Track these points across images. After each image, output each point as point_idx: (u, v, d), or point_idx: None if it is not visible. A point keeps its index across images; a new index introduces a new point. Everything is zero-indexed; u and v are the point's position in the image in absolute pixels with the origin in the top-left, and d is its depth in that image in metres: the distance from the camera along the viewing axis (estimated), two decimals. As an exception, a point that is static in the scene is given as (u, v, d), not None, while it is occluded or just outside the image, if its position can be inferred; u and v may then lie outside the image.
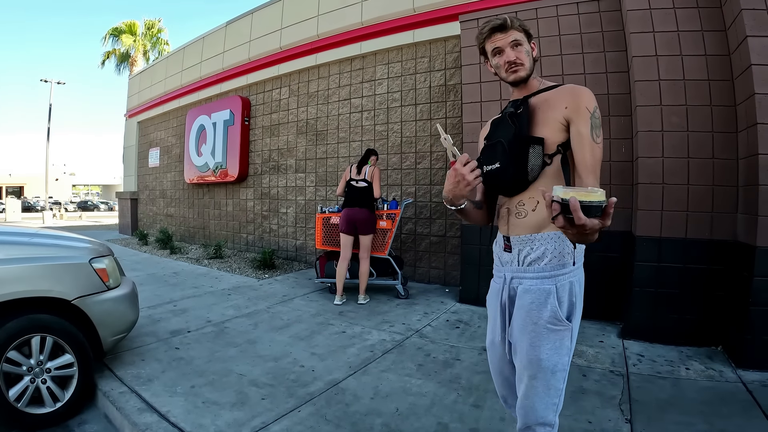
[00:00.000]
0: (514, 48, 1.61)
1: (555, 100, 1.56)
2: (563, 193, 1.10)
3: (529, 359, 1.52)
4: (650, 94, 3.90)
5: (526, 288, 1.55)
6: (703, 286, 3.72)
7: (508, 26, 1.60)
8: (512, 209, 1.60)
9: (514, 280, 1.60)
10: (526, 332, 1.52)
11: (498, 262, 1.71)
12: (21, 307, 2.59)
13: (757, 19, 3.40)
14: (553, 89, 1.61)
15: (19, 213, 26.64)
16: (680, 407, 2.65)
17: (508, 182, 1.58)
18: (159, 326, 4.17)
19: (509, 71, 1.63)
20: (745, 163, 3.50)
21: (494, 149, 1.62)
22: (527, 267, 1.55)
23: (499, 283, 1.68)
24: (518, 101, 1.64)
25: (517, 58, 1.60)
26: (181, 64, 11.42)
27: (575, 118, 1.50)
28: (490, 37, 1.63)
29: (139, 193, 13.72)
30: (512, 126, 1.58)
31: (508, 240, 1.62)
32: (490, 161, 1.62)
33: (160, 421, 2.48)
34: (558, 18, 4.67)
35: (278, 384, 2.96)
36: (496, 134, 1.65)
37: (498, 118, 1.71)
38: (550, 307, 1.50)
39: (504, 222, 1.64)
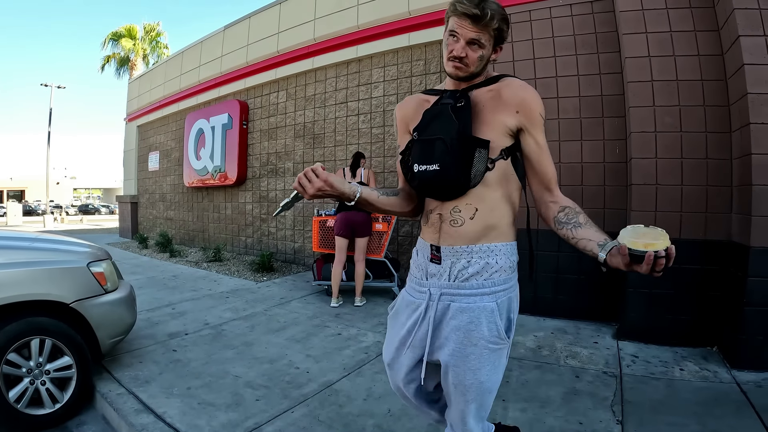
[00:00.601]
0: (470, 46, 1.38)
1: (503, 101, 1.40)
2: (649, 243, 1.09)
3: (468, 384, 1.40)
4: (643, 94, 3.92)
5: (461, 307, 1.39)
6: (697, 287, 3.73)
7: (484, 21, 1.34)
8: (445, 216, 1.43)
9: (444, 297, 1.42)
10: (464, 356, 1.38)
11: (419, 273, 1.52)
12: (20, 310, 2.62)
13: (749, 19, 3.42)
14: (498, 83, 1.44)
15: (21, 217, 26.70)
16: (673, 408, 2.66)
17: (447, 186, 1.39)
18: (157, 329, 4.20)
19: (451, 62, 1.42)
20: (739, 163, 3.52)
21: (432, 147, 1.39)
22: (463, 283, 1.40)
23: (419, 298, 1.49)
24: (458, 92, 1.44)
25: (466, 57, 1.39)
26: (179, 68, 11.46)
27: (530, 128, 1.40)
28: (459, 18, 1.36)
29: (139, 196, 13.76)
30: (455, 122, 1.37)
31: (437, 250, 1.44)
32: (425, 160, 1.40)
33: (156, 421, 2.51)
34: (551, 20, 4.69)
35: (273, 385, 2.98)
36: (432, 128, 1.41)
37: (433, 109, 1.46)
38: (490, 326, 1.38)
39: (434, 229, 1.46)
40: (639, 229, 1.12)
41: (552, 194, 1.45)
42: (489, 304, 1.39)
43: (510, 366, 3.32)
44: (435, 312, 1.43)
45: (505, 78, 1.45)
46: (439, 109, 1.43)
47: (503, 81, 1.43)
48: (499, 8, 1.36)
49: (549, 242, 4.60)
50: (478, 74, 1.45)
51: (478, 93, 1.43)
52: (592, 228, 1.33)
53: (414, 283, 1.54)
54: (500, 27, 1.38)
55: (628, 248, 1.10)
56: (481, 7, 1.32)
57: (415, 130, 1.47)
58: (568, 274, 4.56)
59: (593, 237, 1.29)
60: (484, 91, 1.43)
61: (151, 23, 24.72)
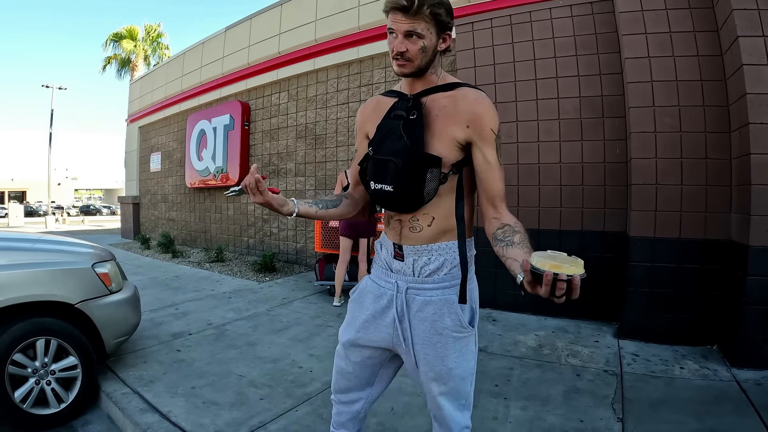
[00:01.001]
0: (409, 38, 1.34)
1: (455, 112, 1.38)
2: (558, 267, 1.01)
3: (438, 372, 1.46)
4: (643, 95, 3.94)
5: (426, 300, 1.45)
6: (697, 286, 3.76)
7: (413, 10, 1.29)
8: (405, 222, 1.46)
9: (410, 291, 1.47)
10: (431, 344, 1.45)
11: (385, 266, 1.56)
12: (26, 311, 2.65)
13: (748, 19, 3.44)
14: (452, 90, 1.41)
15: (22, 218, 26.73)
16: (673, 406, 2.68)
17: (400, 206, 1.43)
18: (161, 329, 4.23)
19: (395, 61, 1.39)
20: (738, 162, 3.54)
21: (385, 168, 1.39)
22: (426, 278, 1.46)
23: (386, 288, 1.53)
24: (409, 102, 1.41)
25: (407, 51, 1.34)
26: (181, 69, 11.49)
27: (480, 143, 1.38)
28: (391, 12, 1.34)
29: (140, 197, 13.79)
30: (406, 143, 1.35)
31: (400, 248, 1.48)
32: (380, 179, 1.41)
33: (161, 420, 2.54)
34: (552, 21, 4.72)
35: (277, 385, 3.01)
36: (386, 147, 1.40)
37: (386, 124, 1.44)
38: (452, 317, 1.44)
39: (395, 232, 1.50)
40: (558, 254, 1.06)
41: (496, 210, 1.43)
42: (451, 297, 1.44)
43: (511, 365, 3.34)
44: (402, 304, 1.47)
45: (462, 87, 1.42)
46: (391, 126, 1.41)
47: (460, 90, 1.41)
48: None
49: (550, 242, 4.63)
50: (426, 68, 1.41)
51: (433, 99, 1.41)
52: (522, 249, 1.28)
53: (381, 273, 1.57)
54: (435, 12, 1.32)
55: (531, 265, 1.05)
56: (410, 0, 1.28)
57: (370, 145, 1.46)
58: (569, 273, 4.57)
59: (519, 258, 1.23)
60: (440, 97, 1.41)
61: (153, 24, 24.77)
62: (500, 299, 4.90)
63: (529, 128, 4.76)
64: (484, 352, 3.63)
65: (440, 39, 1.39)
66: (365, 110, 1.59)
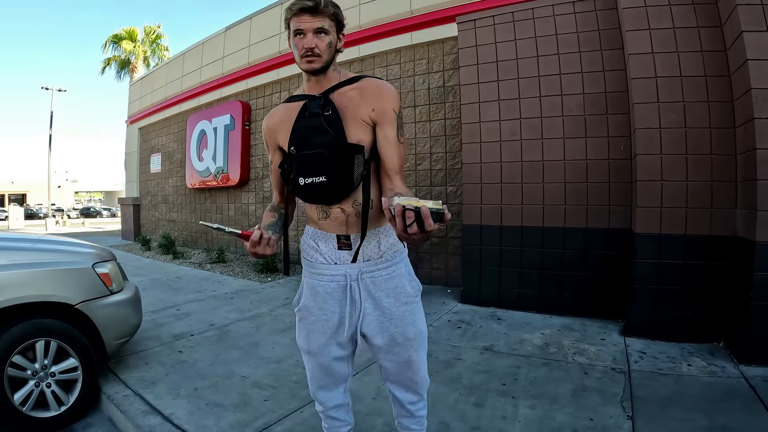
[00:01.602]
0: (317, 35, 1.50)
1: (360, 100, 1.55)
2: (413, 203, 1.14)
3: (412, 336, 1.69)
4: (647, 91, 3.91)
5: (384, 277, 1.64)
6: (703, 283, 3.73)
7: (320, 9, 1.47)
8: (348, 210, 1.58)
9: (364, 275, 1.63)
10: (400, 315, 1.66)
11: (325, 261, 1.66)
12: (25, 311, 2.61)
13: (752, 15, 3.41)
14: (355, 83, 1.58)
15: (22, 220, 26.71)
16: (682, 403, 2.65)
17: (335, 194, 1.56)
18: (162, 330, 4.20)
19: (304, 59, 1.52)
20: (743, 158, 3.51)
21: (316, 161, 1.52)
22: (378, 260, 1.63)
23: (338, 281, 1.64)
24: (319, 99, 1.55)
25: (317, 47, 1.50)
26: (181, 69, 11.47)
27: (382, 122, 1.55)
28: (298, 16, 1.49)
29: (141, 198, 13.77)
30: (331, 133, 1.50)
31: (347, 238, 1.61)
32: (311, 173, 1.53)
33: (163, 423, 2.50)
34: (554, 17, 4.69)
35: (281, 385, 2.98)
36: (310, 141, 1.53)
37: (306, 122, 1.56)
38: (411, 283, 1.71)
39: (339, 222, 1.60)
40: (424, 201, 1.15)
41: (391, 182, 1.56)
42: (403, 269, 1.70)
43: (518, 363, 3.31)
44: (357, 290, 1.63)
45: (365, 78, 1.60)
46: (312, 122, 1.53)
47: (364, 81, 1.59)
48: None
49: (555, 240, 4.61)
50: (330, 64, 1.55)
51: (340, 93, 1.56)
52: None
53: (324, 271, 1.66)
54: (335, 12, 1.52)
55: (391, 205, 1.18)
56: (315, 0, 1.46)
57: (291, 145, 1.57)
58: (574, 271, 4.55)
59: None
60: (346, 90, 1.57)
61: (152, 25, 24.84)
62: (504, 298, 4.87)
63: (532, 125, 4.73)
64: (490, 351, 3.60)
65: (338, 37, 1.57)
66: (272, 121, 1.67)
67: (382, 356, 1.73)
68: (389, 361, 1.74)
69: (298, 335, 1.79)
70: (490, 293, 4.97)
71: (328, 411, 1.88)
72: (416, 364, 1.74)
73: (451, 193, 6.22)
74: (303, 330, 1.75)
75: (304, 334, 1.75)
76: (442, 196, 6.31)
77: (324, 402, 1.86)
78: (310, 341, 1.73)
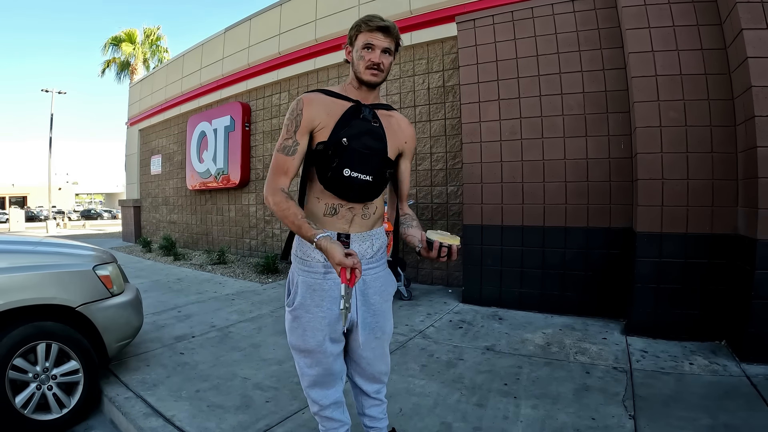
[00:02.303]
0: (384, 53, 1.65)
1: (399, 130, 1.80)
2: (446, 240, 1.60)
3: (387, 331, 1.88)
4: (647, 89, 3.91)
5: (375, 276, 1.80)
6: (705, 281, 3.72)
7: (391, 31, 1.64)
8: (357, 211, 1.72)
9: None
10: (382, 311, 1.84)
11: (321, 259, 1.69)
12: (26, 314, 2.61)
13: (752, 12, 3.40)
14: (390, 111, 1.82)
15: (23, 223, 26.73)
16: (684, 402, 2.65)
17: (373, 193, 1.73)
18: (163, 332, 4.19)
19: (369, 71, 1.65)
20: (744, 156, 3.50)
21: (368, 159, 1.67)
22: (370, 259, 1.78)
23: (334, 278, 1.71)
24: (370, 110, 1.71)
25: (382, 63, 1.65)
26: (180, 71, 11.47)
27: (408, 154, 1.88)
28: (372, 32, 1.62)
29: (141, 200, 13.77)
30: (383, 142, 1.72)
31: (347, 237, 1.72)
32: (360, 169, 1.66)
33: (165, 425, 2.50)
34: (554, 16, 4.68)
35: (282, 387, 2.97)
36: (364, 141, 1.67)
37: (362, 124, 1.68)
38: (391, 285, 1.89)
39: (345, 221, 1.71)
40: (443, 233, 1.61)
41: (402, 203, 1.93)
42: (387, 270, 1.88)
43: (520, 363, 3.31)
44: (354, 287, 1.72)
45: (394, 110, 1.85)
46: (369, 126, 1.70)
47: (395, 113, 1.84)
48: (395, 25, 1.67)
49: (556, 239, 4.60)
50: (384, 81, 1.73)
51: (381, 114, 1.76)
52: (418, 229, 1.79)
53: (318, 269, 1.72)
54: (398, 36, 1.68)
55: (427, 237, 1.60)
56: (387, 27, 1.63)
57: (344, 136, 1.65)
58: (575, 270, 4.55)
59: (417, 235, 1.74)
60: (384, 114, 1.78)
61: (151, 27, 24.80)
62: (506, 297, 4.87)
63: (533, 125, 4.72)
64: (492, 350, 3.60)
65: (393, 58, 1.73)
66: (317, 105, 1.68)
67: (362, 349, 1.83)
68: (367, 354, 1.85)
69: (291, 335, 1.79)
70: (492, 293, 4.96)
71: (325, 411, 1.88)
72: (388, 356, 1.94)
73: (452, 193, 6.22)
74: (298, 329, 1.76)
75: (299, 333, 1.76)
76: (442, 196, 6.31)
77: (320, 400, 1.86)
78: (307, 339, 1.74)
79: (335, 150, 1.63)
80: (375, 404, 1.98)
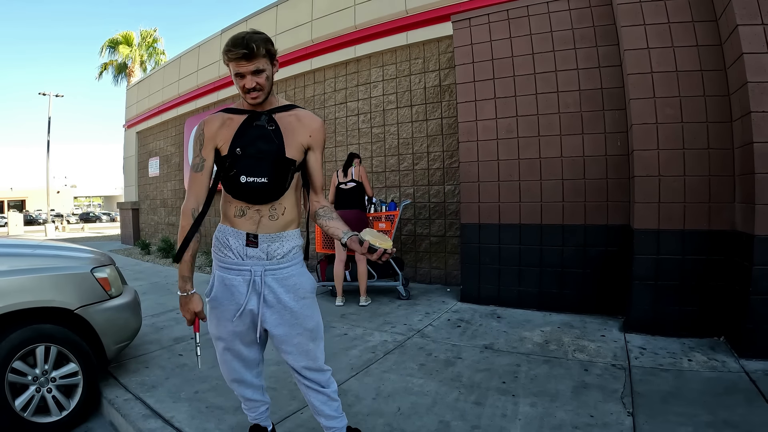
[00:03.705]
0: (256, 75, 1.69)
1: (301, 126, 1.84)
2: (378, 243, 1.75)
3: (311, 327, 1.94)
4: (643, 86, 3.91)
5: (285, 276, 1.87)
6: (703, 277, 3.73)
7: (254, 55, 1.65)
8: (264, 212, 1.82)
9: (267, 273, 1.84)
10: (300, 308, 1.90)
11: (234, 255, 1.85)
12: (25, 317, 2.60)
13: (747, 8, 3.41)
14: (291, 110, 1.86)
15: (22, 226, 26.72)
16: (683, 399, 2.65)
17: (271, 194, 1.79)
18: (162, 334, 4.19)
19: (248, 96, 1.74)
20: (741, 152, 3.51)
21: (261, 163, 1.75)
22: (281, 259, 1.85)
23: (244, 275, 1.84)
24: (266, 115, 1.80)
25: (257, 85, 1.71)
26: (177, 73, 11.46)
27: (315, 147, 1.90)
28: (235, 62, 1.67)
29: (140, 203, 13.76)
30: (275, 143, 1.77)
31: (255, 237, 1.82)
32: (255, 173, 1.74)
33: (164, 426, 2.50)
34: (549, 14, 4.69)
35: (281, 387, 2.97)
36: (256, 146, 1.75)
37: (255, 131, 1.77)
38: (309, 280, 1.95)
39: (252, 222, 1.82)
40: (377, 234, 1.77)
41: (317, 196, 1.99)
42: (301, 269, 1.94)
43: (518, 361, 3.31)
44: (261, 284, 1.83)
45: (298, 108, 1.89)
46: (260, 131, 1.77)
47: (298, 110, 1.88)
48: (260, 36, 1.69)
49: (554, 237, 4.61)
50: (270, 91, 1.79)
51: (280, 117, 1.82)
52: (339, 222, 1.93)
53: (232, 265, 1.86)
54: (267, 49, 1.70)
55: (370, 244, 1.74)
56: (248, 46, 1.63)
57: (237, 147, 1.75)
58: (573, 268, 4.55)
59: (339, 227, 1.90)
60: (284, 115, 1.84)
61: (148, 29, 24.79)
62: (504, 296, 4.87)
63: (529, 123, 4.73)
64: (491, 349, 3.60)
65: (273, 66, 1.77)
66: (213, 125, 1.82)
67: (284, 347, 1.94)
68: (290, 352, 1.94)
69: (209, 323, 1.95)
70: (490, 291, 4.97)
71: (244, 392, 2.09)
72: (314, 352, 1.97)
73: (449, 192, 6.22)
74: (214, 318, 1.92)
75: (215, 322, 1.92)
76: (439, 195, 6.31)
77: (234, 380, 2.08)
78: (220, 328, 1.91)
79: (232, 160, 1.76)
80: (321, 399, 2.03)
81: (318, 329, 1.98)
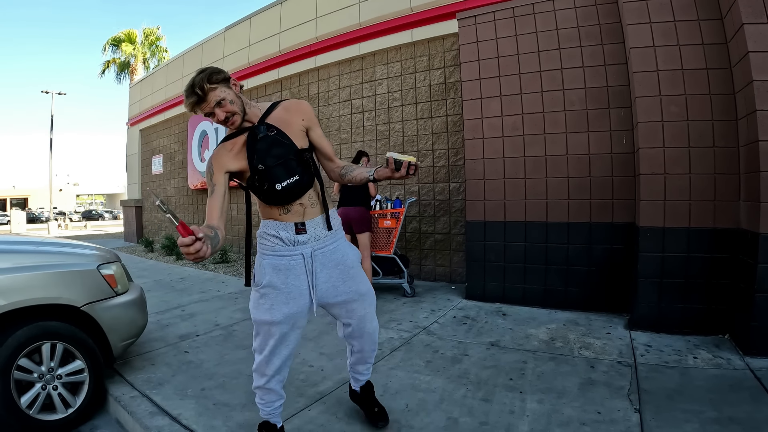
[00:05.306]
0: (221, 106, 1.83)
1: (292, 116, 1.99)
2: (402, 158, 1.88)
3: (364, 291, 2.16)
4: (649, 84, 3.90)
5: (333, 249, 2.06)
6: (707, 275, 3.72)
7: (205, 94, 1.78)
8: (305, 203, 1.98)
9: (317, 251, 2.01)
10: (351, 276, 2.11)
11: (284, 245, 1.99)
12: (31, 314, 2.61)
13: (752, 7, 3.39)
14: (276, 108, 2.00)
15: (24, 224, 26.79)
16: (689, 396, 2.65)
17: (308, 184, 1.97)
18: (168, 331, 4.20)
19: (227, 125, 1.90)
20: (746, 150, 3.50)
21: (287, 166, 1.90)
22: (325, 238, 2.03)
23: (297, 260, 1.99)
24: (260, 127, 1.92)
25: (227, 113, 1.85)
26: (181, 70, 11.47)
27: (312, 125, 2.05)
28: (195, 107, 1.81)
29: (143, 200, 13.78)
30: (287, 144, 1.91)
31: (302, 224, 1.98)
32: (287, 176, 1.90)
33: (171, 423, 2.50)
34: (555, 12, 4.68)
35: (288, 384, 2.95)
36: (273, 154, 1.89)
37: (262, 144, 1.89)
38: (353, 251, 2.16)
39: (298, 214, 1.98)
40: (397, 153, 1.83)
41: (334, 162, 2.16)
42: (345, 242, 2.15)
43: (524, 358, 3.32)
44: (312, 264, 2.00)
45: (278, 102, 2.04)
46: (269, 140, 1.90)
47: (280, 104, 2.03)
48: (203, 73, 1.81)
49: (559, 235, 4.60)
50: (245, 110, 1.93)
51: (271, 118, 1.96)
52: (361, 168, 2.10)
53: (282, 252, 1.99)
54: (216, 80, 1.82)
55: (394, 158, 1.86)
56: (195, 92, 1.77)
57: (258, 163, 1.88)
58: (579, 266, 4.55)
59: (363, 171, 2.07)
60: (274, 115, 1.98)
61: (151, 27, 24.76)
62: (509, 293, 4.87)
63: (534, 120, 4.72)
64: (497, 346, 3.60)
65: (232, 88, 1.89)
66: (219, 156, 1.95)
67: (343, 315, 2.16)
68: (349, 318, 2.17)
69: (256, 310, 2.02)
70: (495, 289, 4.97)
71: (270, 383, 2.11)
72: (371, 315, 2.21)
73: (454, 190, 6.22)
74: (266, 304, 1.99)
75: (266, 307, 1.99)
76: (444, 193, 6.31)
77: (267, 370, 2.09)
78: (274, 312, 1.98)
79: (260, 176, 1.89)
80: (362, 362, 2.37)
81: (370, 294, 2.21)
